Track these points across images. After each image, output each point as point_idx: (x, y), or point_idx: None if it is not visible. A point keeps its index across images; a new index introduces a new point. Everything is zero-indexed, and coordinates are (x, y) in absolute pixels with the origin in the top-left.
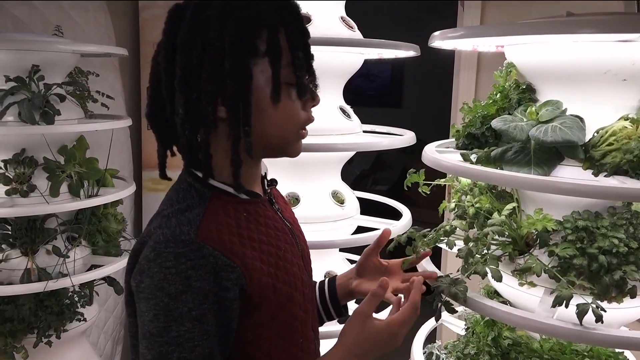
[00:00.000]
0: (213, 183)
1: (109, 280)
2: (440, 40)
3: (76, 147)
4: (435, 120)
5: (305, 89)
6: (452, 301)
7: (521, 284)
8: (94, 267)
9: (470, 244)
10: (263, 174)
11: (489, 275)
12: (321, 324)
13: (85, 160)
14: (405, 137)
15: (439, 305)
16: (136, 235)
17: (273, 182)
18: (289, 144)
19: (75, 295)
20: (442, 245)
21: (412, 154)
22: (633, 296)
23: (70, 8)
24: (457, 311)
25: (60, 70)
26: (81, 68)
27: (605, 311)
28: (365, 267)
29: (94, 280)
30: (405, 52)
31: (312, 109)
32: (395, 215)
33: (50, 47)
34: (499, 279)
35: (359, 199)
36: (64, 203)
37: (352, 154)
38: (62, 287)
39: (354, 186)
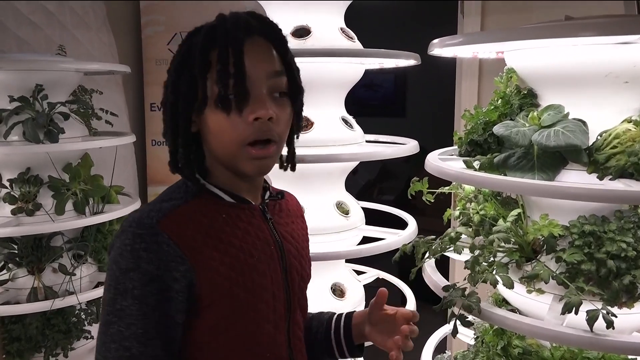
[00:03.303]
0: (203, 183)
1: None
2: (440, 48)
3: (81, 165)
4: (439, 128)
5: (223, 101)
6: (465, 313)
7: (529, 291)
8: (100, 284)
9: (476, 252)
10: (267, 185)
11: (500, 283)
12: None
13: (90, 177)
14: (408, 146)
15: (455, 320)
16: None
17: (279, 194)
18: (236, 161)
19: (82, 313)
20: (450, 254)
21: (417, 163)
22: None
23: (73, 28)
24: (472, 323)
25: (64, 89)
26: (85, 86)
27: (616, 317)
28: (374, 316)
29: (101, 297)
30: (405, 61)
31: (313, 124)
32: (402, 224)
33: (53, 67)
34: (510, 286)
35: (365, 209)
36: (70, 221)
37: (355, 164)
38: (69, 305)
39: (360, 197)
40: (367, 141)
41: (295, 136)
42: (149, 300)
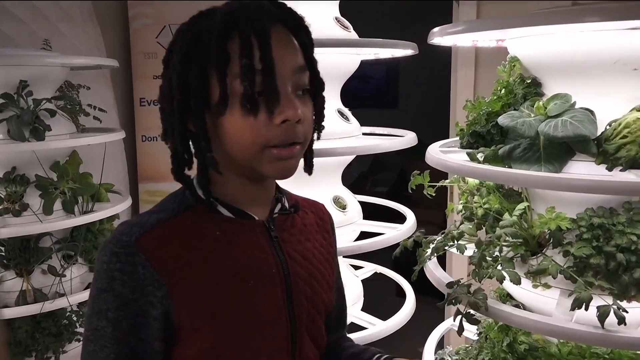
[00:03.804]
0: (201, 195)
1: None
2: (440, 37)
3: (69, 163)
4: (431, 119)
5: (251, 101)
6: (470, 310)
7: (535, 286)
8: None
9: (482, 247)
10: (280, 196)
11: (507, 279)
12: None
13: (78, 175)
14: (406, 139)
15: (461, 318)
16: None
17: (293, 207)
18: (256, 164)
19: (73, 315)
20: (452, 250)
21: (410, 155)
22: None
23: (58, 21)
24: (479, 321)
25: (50, 85)
26: (71, 82)
27: (627, 312)
28: None
29: None
30: (402, 50)
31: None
32: (396, 215)
33: (38, 61)
34: (517, 282)
35: (361, 202)
36: (58, 221)
37: (352, 157)
38: (60, 308)
39: (353, 189)
40: (363, 134)
41: (316, 137)
42: (123, 324)
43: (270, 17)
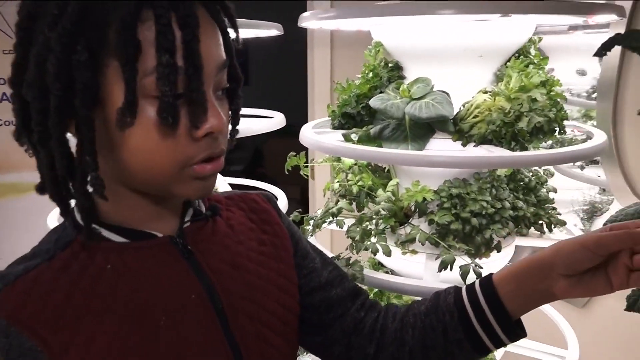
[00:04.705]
0: (80, 222)
1: None
2: (312, 21)
3: None
4: (285, 97)
5: (172, 111)
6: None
7: (404, 253)
8: None
9: (363, 222)
10: (192, 201)
11: (380, 251)
12: (481, 354)
13: None
14: (276, 120)
15: None
16: None
17: (210, 210)
18: (171, 186)
19: None
20: (331, 227)
21: (265, 133)
22: (499, 250)
23: None
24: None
25: None
26: None
27: (482, 268)
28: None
29: None
30: (266, 31)
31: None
32: None
33: None
34: (388, 254)
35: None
36: None
37: None
38: None
39: None
40: None
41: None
42: None
43: None
